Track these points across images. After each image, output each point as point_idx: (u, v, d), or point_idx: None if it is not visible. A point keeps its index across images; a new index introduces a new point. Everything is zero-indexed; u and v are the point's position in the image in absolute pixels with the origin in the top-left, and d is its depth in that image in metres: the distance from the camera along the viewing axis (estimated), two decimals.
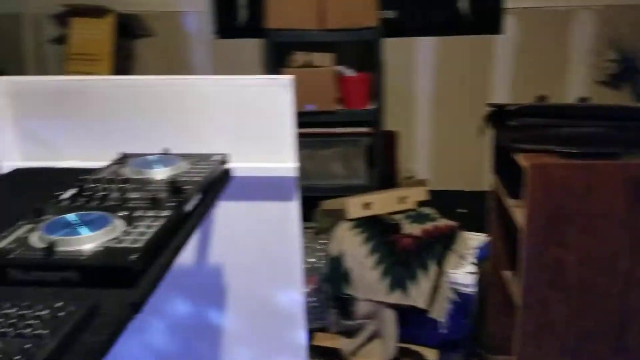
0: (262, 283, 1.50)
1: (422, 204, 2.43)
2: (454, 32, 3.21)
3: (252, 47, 3.19)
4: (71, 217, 0.89)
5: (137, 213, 0.95)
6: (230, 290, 1.52)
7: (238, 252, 1.48)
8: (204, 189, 1.09)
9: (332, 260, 2.15)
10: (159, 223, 0.91)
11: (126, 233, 0.87)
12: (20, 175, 1.31)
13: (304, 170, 3.03)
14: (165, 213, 0.95)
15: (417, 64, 3.26)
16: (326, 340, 2.14)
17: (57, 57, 3.33)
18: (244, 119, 1.38)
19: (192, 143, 1.39)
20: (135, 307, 0.74)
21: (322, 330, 2.21)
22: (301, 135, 2.99)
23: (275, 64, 2.95)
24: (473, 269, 2.07)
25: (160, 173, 1.15)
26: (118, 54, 3.14)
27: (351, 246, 2.15)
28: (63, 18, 3.20)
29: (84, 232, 0.85)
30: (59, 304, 0.69)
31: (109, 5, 3.13)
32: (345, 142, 3.02)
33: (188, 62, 3.34)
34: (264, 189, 1.42)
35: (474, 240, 2.24)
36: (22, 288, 0.76)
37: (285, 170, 1.38)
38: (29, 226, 0.89)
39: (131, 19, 3.23)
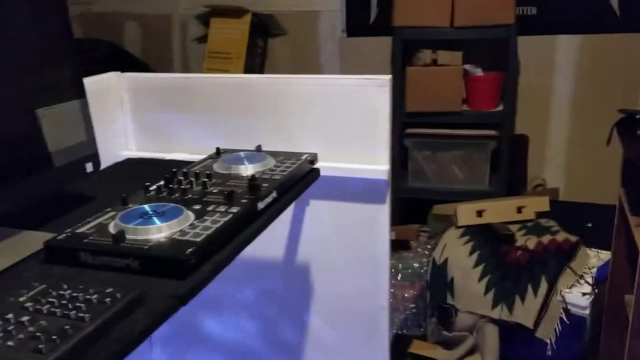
0: (348, 285, 1.49)
1: (543, 215, 2.28)
2: (601, 29, 2.96)
3: (381, 45, 3.17)
4: (147, 207, 0.95)
5: (210, 207, 0.99)
6: (315, 288, 1.53)
7: (326, 251, 1.49)
8: (281, 188, 1.11)
9: (436, 267, 2.09)
10: (226, 219, 0.94)
11: (192, 226, 0.91)
12: (129, 165, 1.43)
13: (423, 172, 2.99)
14: (235, 209, 0.98)
15: (556, 64, 3.05)
16: (424, 349, 2.09)
17: (200, 56, 3.56)
18: (340, 118, 1.38)
19: (288, 141, 1.42)
20: (181, 300, 0.77)
21: (421, 338, 2.15)
22: (422, 136, 2.95)
23: (401, 62, 2.91)
24: (590, 289, 1.90)
25: (246, 169, 1.19)
26: (252, 52, 3.28)
27: (457, 254, 2.07)
28: (206, 18, 3.41)
29: (156, 222, 0.90)
30: (109, 290, 0.73)
31: (247, 5, 3.29)
32: (469, 145, 2.91)
33: (317, 60, 3.41)
34: (355, 190, 1.41)
35: (596, 258, 2.05)
36: (88, 271, 0.83)
37: (378, 172, 1.36)
38: (112, 213, 0.97)
39: (266, 19, 3.36)
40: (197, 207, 1.00)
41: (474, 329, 1.99)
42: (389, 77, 1.32)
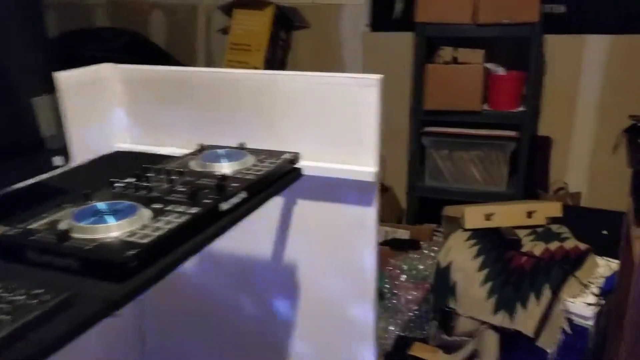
0: (334, 288, 1.47)
1: (557, 220, 2.20)
2: (632, 29, 2.83)
3: (405, 41, 3.11)
4: (101, 205, 0.95)
5: (170, 207, 0.97)
6: (302, 290, 1.51)
7: (312, 253, 1.46)
8: (252, 188, 1.08)
9: (440, 270, 2.04)
10: (180, 220, 0.92)
11: (144, 227, 0.89)
12: (116, 158, 1.43)
13: (440, 171, 2.93)
14: (194, 210, 0.96)
15: (584, 64, 2.93)
16: (424, 352, 2.05)
17: (223, 47, 3.55)
18: (330, 117, 1.35)
19: (278, 139, 1.40)
20: (115, 305, 0.76)
21: (423, 341, 2.11)
22: (440, 135, 2.89)
23: (423, 59, 2.85)
24: (595, 300, 1.83)
25: (222, 167, 1.17)
26: (274, 44, 3.26)
27: (462, 258, 2.02)
28: (229, 9, 3.40)
29: (106, 221, 0.89)
30: (38, 291, 0.72)
31: None
32: (488, 145, 2.84)
33: (339, 54, 3.37)
34: (342, 191, 1.38)
35: (606, 267, 1.97)
36: (35, 269, 0.82)
37: (365, 174, 1.32)
38: (71, 209, 0.96)
39: (290, 11, 3.33)
40: (158, 206, 0.98)
41: (475, 335, 1.94)
42: (378, 77, 1.28)
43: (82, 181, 1.23)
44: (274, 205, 1.47)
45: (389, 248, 2.73)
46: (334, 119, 1.35)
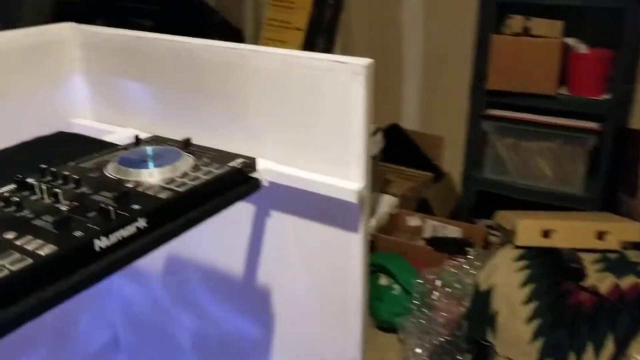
0: (312, 324, 1.15)
1: (634, 246, 1.76)
2: None
3: (471, 4, 2.65)
4: None
5: (23, 239, 0.68)
6: (277, 322, 1.20)
7: (288, 280, 1.15)
8: (159, 213, 0.77)
9: (478, 294, 1.67)
10: (15, 267, 0.62)
11: None
12: (54, 142, 1.14)
13: (502, 163, 2.51)
14: (48, 250, 0.66)
15: None
16: None
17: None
18: (307, 112, 1.00)
19: (244, 132, 1.08)
20: None
21: None
22: (506, 120, 2.45)
23: (489, 28, 2.41)
24: None
25: (140, 175, 0.86)
26: (322, 3, 2.89)
27: (507, 282, 1.63)
28: None
29: None
30: None
31: None
32: (563, 137, 2.37)
33: (397, 17, 2.95)
34: (322, 208, 1.04)
35: None
36: None
37: (346, 192, 0.96)
38: None
39: None
40: (11, 235, 0.69)
41: None
42: (367, 61, 0.91)
43: None
44: (243, 215, 1.15)
45: (432, 249, 2.36)
46: (315, 115, 0.99)
